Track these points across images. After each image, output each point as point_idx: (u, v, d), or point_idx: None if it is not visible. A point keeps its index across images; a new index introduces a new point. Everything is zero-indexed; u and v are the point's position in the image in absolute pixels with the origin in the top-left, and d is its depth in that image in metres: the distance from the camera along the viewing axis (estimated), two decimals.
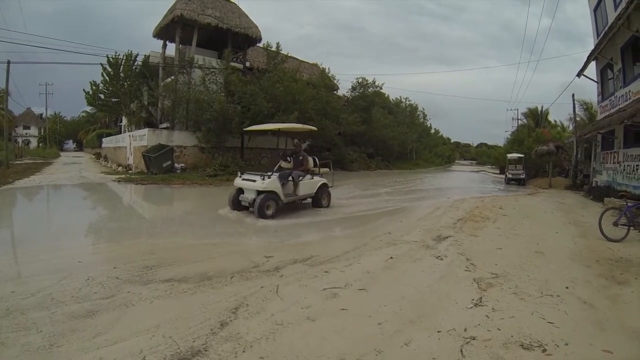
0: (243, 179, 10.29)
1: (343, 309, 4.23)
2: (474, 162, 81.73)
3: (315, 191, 11.19)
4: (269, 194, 9.67)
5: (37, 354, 3.26)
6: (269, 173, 10.26)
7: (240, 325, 3.82)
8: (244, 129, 15.30)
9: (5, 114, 31.65)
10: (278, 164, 11.40)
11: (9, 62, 24.91)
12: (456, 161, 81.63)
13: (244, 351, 3.32)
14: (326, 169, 12.49)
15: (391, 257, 6.40)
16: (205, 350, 3.32)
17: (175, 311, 4.14)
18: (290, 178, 10.52)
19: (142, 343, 3.42)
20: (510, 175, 25.95)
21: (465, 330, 3.70)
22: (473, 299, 4.53)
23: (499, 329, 3.74)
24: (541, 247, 7.32)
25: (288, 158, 11.50)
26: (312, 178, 11.21)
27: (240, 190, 10.39)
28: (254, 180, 9.89)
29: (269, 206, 9.63)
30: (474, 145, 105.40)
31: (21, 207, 12.44)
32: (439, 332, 3.68)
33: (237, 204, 10.32)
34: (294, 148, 11.60)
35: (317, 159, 11.84)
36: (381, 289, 4.96)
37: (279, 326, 3.80)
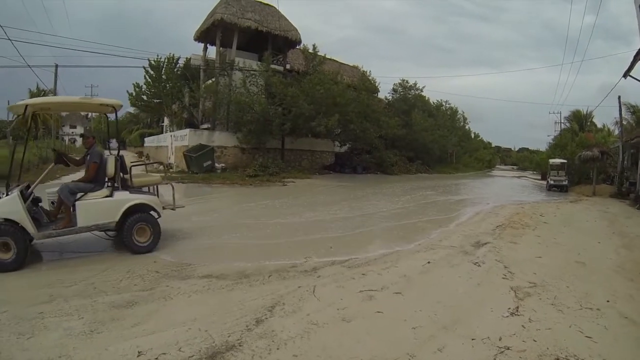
0: None
1: (378, 312, 4.28)
2: (515, 167, 79.64)
3: (117, 219, 6.21)
4: (4, 226, 5.45)
5: (77, 339, 3.47)
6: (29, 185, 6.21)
7: (275, 323, 3.91)
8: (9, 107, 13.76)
9: (53, 113, 33.18)
10: (49, 168, 6.86)
11: (56, 66, 26.39)
12: (497, 166, 79.80)
13: (278, 348, 3.41)
14: (156, 177, 7.52)
15: (429, 262, 6.38)
16: (240, 346, 3.42)
17: (212, 306, 4.30)
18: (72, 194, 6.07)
19: (178, 335, 3.57)
20: (552, 182, 25.10)
21: (500, 339, 3.68)
22: (509, 308, 4.48)
23: (535, 340, 3.69)
24: (582, 257, 7.12)
25: (64, 158, 6.70)
26: (111, 195, 6.27)
27: None
28: None
29: (6, 246, 5.43)
30: (515, 150, 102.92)
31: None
32: (473, 339, 3.67)
33: None
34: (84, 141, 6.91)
35: (124, 159, 6.76)
36: (417, 293, 4.98)
37: (314, 326, 3.88)
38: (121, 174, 6.54)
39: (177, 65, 28.37)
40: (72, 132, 70.90)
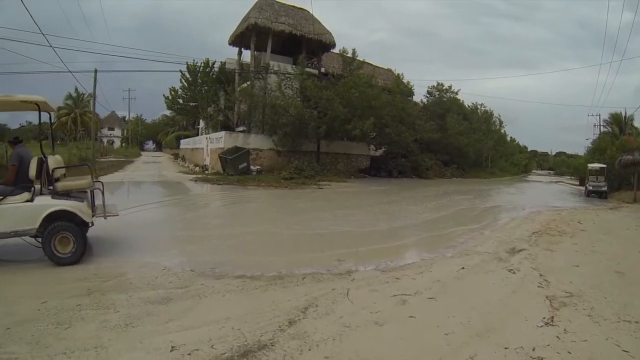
0: None
1: (411, 317, 4.30)
2: (551, 172, 77.64)
3: (36, 226, 5.59)
4: None
5: (113, 331, 3.64)
6: None
7: (308, 324, 3.98)
8: None
9: (93, 116, 35.48)
10: None
11: (95, 71, 28.11)
12: (533, 171, 77.94)
13: (309, 350, 3.47)
14: (82, 180, 6.42)
15: (463, 268, 6.35)
16: (272, 345, 3.49)
17: (246, 306, 4.40)
18: None
19: (211, 332, 3.68)
20: (590, 187, 24.25)
21: (533, 349, 3.63)
22: (544, 318, 4.42)
23: (569, 352, 3.62)
24: (622, 267, 6.90)
25: None
26: (31, 200, 5.69)
27: None
28: None
29: None
30: (552, 154, 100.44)
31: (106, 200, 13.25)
32: (506, 348, 3.64)
33: None
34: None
35: (47, 159, 5.92)
36: (451, 299, 4.97)
37: (346, 328, 3.92)
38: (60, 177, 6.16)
39: (213, 69, 28.97)
40: (110, 134, 73.55)
